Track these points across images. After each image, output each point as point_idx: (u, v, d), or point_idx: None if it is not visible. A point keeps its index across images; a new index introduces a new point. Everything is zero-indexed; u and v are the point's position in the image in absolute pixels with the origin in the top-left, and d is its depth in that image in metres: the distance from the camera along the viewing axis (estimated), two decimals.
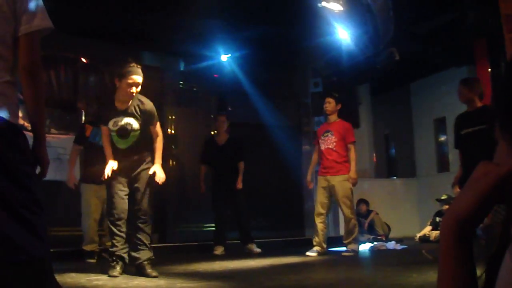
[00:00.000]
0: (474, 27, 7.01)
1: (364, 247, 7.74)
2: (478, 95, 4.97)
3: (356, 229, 6.74)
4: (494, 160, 0.82)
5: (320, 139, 6.83)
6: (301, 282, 4.37)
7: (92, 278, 4.44)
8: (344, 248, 6.74)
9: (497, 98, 0.82)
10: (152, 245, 4.72)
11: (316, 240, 6.68)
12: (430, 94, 10.19)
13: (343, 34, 7.65)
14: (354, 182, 6.61)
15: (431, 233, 8.43)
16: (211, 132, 8.50)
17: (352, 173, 6.58)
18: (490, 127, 4.43)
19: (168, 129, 8.51)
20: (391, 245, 7.66)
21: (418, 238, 8.63)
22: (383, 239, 8.49)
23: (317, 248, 6.64)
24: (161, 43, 8.17)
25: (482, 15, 6.72)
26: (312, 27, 7.48)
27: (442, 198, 8.49)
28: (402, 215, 9.90)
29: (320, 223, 6.69)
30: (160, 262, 5.04)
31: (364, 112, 10.19)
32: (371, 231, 8.93)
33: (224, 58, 8.90)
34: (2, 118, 1.83)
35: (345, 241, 6.71)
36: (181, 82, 9.22)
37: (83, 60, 7.81)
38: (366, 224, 9.00)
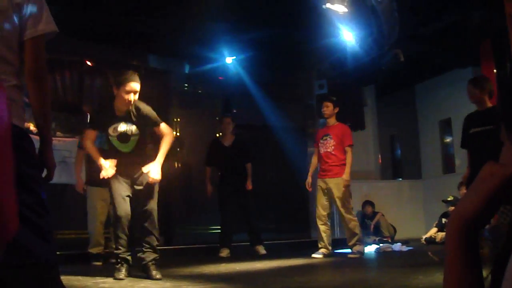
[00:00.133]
0: (479, 28, 6.99)
1: (370, 249, 7.72)
2: (488, 94, 4.92)
3: (359, 230, 6.72)
4: (500, 161, 0.82)
5: (319, 143, 6.83)
6: (307, 284, 4.36)
7: (98, 281, 4.44)
8: (350, 251, 6.73)
9: (503, 99, 0.82)
10: (158, 247, 4.73)
11: (322, 243, 6.68)
12: (436, 96, 10.16)
13: (348, 36, 7.65)
14: (347, 185, 6.57)
15: (437, 235, 8.40)
16: (216, 134, 8.50)
17: (346, 176, 6.55)
18: (497, 128, 4.42)
19: (173, 132, 8.51)
20: (397, 247, 7.64)
21: (424, 240, 8.59)
22: (389, 241, 8.46)
23: (323, 250, 6.63)
24: (166, 46, 8.18)
25: (487, 16, 6.70)
26: (317, 29, 7.48)
27: (448, 199, 8.47)
28: (408, 217, 9.88)
29: (322, 225, 6.68)
30: (166, 264, 5.04)
31: (369, 114, 10.17)
32: (377, 233, 8.90)
33: (229, 60, 8.91)
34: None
35: (350, 244, 6.68)
36: (186, 85, 9.23)
37: (89, 63, 7.82)
38: (372, 226, 8.99)
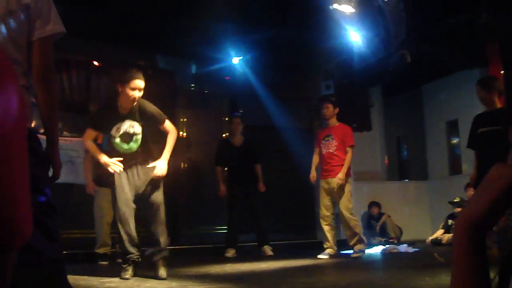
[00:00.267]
0: (487, 29, 6.95)
1: (376, 250, 7.70)
2: (497, 94, 4.88)
3: (359, 229, 6.74)
4: (508, 162, 0.81)
5: (321, 143, 6.82)
6: (313, 285, 4.36)
7: (105, 281, 4.45)
8: (351, 251, 6.72)
9: (510, 100, 0.81)
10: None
11: (327, 243, 6.67)
12: (442, 97, 10.12)
13: (355, 36, 7.63)
14: (340, 183, 6.54)
15: (443, 236, 8.38)
16: (223, 135, 8.51)
17: (341, 174, 6.53)
18: (505, 129, 4.38)
19: (180, 132, 8.53)
20: (403, 248, 7.62)
21: (430, 241, 8.57)
22: (395, 242, 8.43)
23: (329, 251, 6.63)
24: (173, 46, 8.19)
25: (495, 17, 6.67)
26: (324, 30, 7.46)
27: (455, 201, 8.43)
28: (414, 218, 9.85)
29: (326, 225, 6.68)
30: (172, 264, 5.05)
31: (376, 115, 10.13)
32: (383, 234, 8.88)
33: (236, 61, 8.92)
34: None
35: (351, 243, 6.68)
36: (193, 85, 9.25)
37: (96, 63, 7.85)
38: (378, 227, 8.97)
